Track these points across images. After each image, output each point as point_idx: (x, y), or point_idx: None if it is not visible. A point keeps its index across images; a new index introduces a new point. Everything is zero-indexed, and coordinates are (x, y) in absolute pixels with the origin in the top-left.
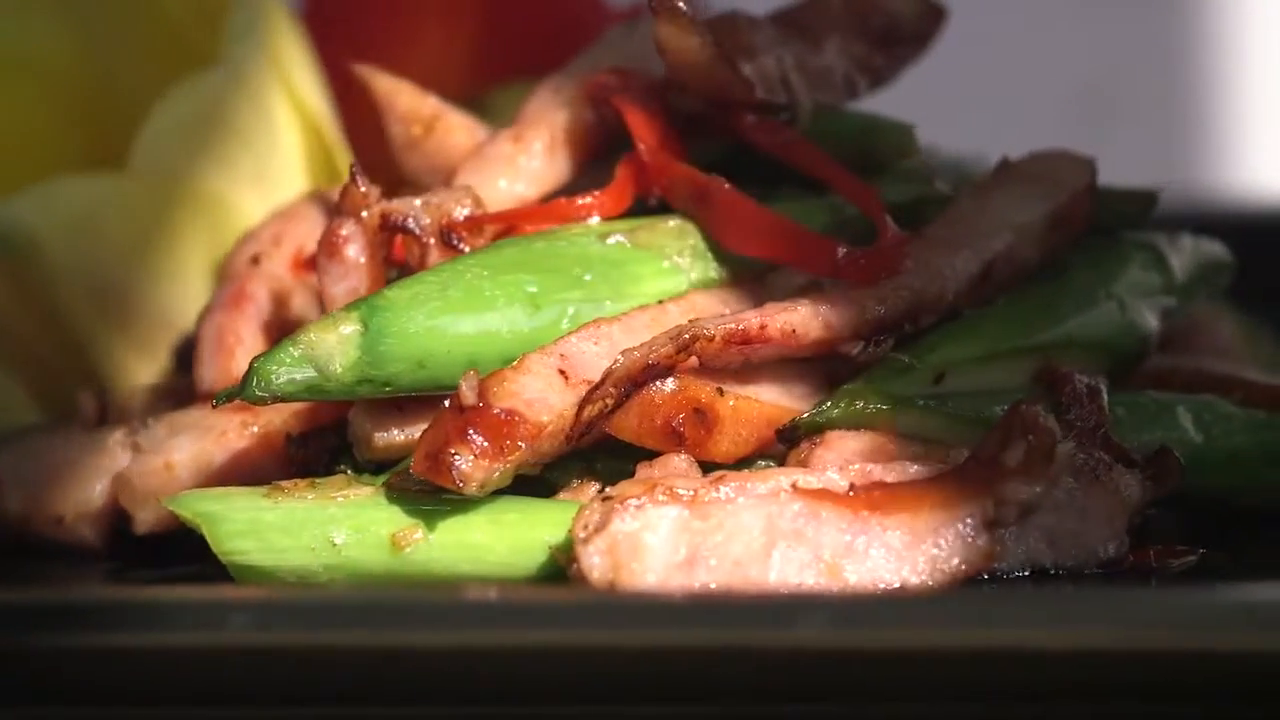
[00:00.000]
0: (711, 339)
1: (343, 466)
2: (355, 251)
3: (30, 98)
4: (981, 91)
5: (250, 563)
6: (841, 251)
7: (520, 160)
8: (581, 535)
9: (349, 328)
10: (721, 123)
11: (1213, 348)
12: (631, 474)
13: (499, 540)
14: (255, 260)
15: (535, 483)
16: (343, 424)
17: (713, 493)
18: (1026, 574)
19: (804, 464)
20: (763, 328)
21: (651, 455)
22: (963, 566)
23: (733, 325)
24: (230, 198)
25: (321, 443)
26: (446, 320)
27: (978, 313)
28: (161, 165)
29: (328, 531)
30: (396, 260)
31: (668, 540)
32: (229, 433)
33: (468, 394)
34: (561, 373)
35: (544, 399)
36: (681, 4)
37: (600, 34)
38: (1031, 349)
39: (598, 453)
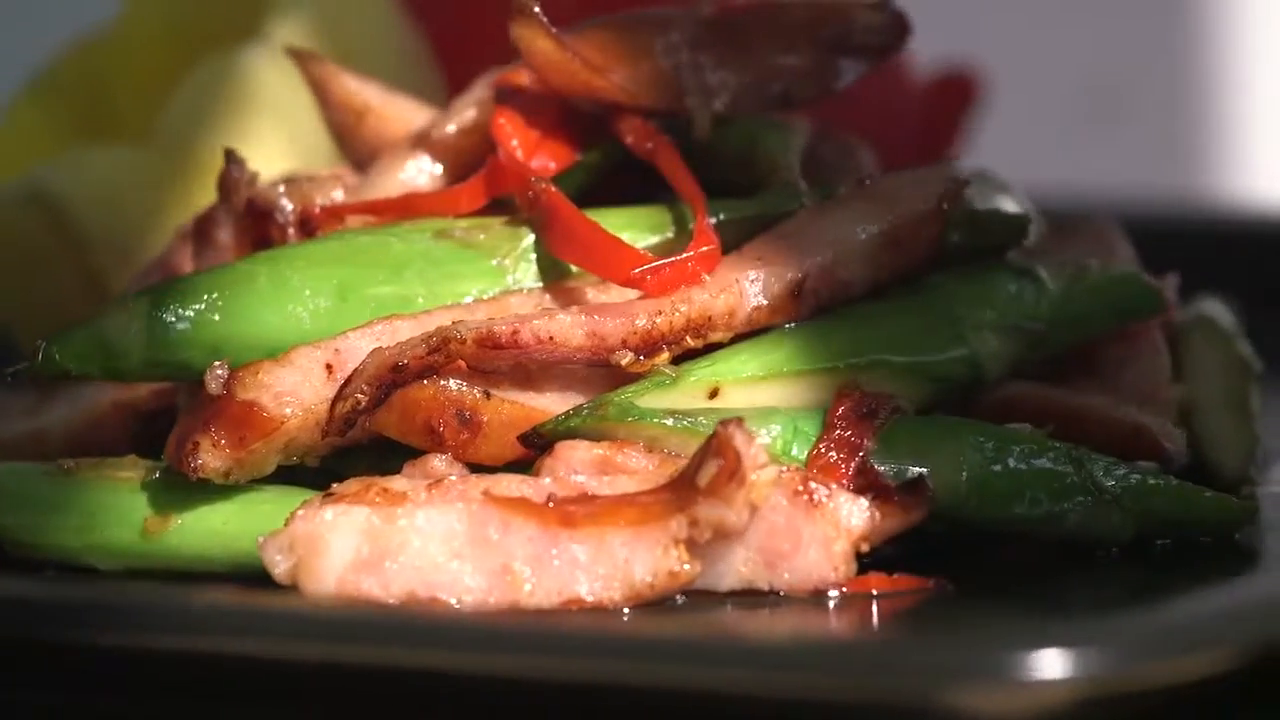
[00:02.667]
0: (463, 342)
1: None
2: (225, 234)
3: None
4: (986, 90)
5: (16, 538)
6: (640, 262)
7: (424, 154)
8: (272, 531)
9: (137, 311)
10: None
11: (1132, 375)
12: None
13: (247, 529)
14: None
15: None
16: None
17: (420, 495)
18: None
19: (538, 472)
20: (514, 334)
21: None
22: (652, 583)
23: (484, 329)
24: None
25: (170, 421)
26: (244, 308)
27: (784, 330)
28: (181, 137)
29: (89, 512)
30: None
31: (349, 541)
32: (98, 405)
33: (210, 384)
34: (329, 367)
35: (294, 393)
36: (535, 6)
37: None
38: (833, 369)
39: (391, 448)
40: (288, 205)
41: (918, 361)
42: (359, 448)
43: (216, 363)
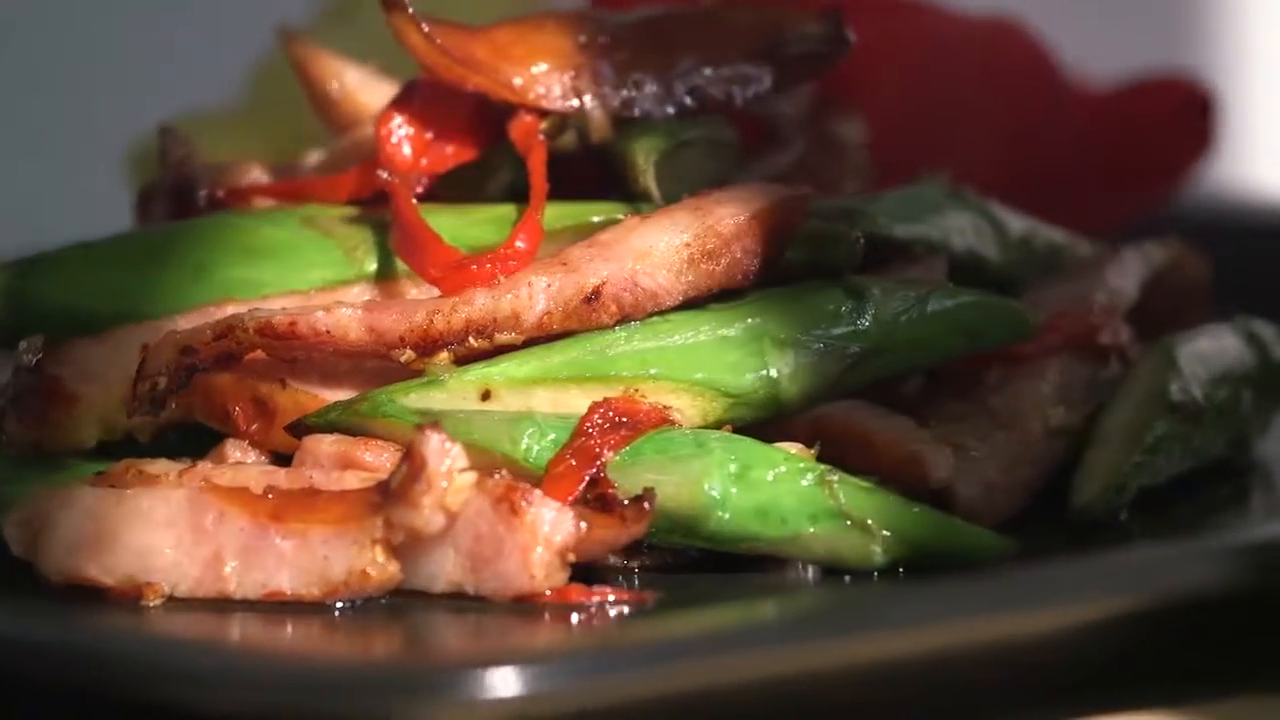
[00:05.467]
0: (246, 330)
1: None
2: (160, 208)
3: None
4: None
5: None
6: (446, 260)
7: (370, 139)
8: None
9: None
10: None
11: (1002, 399)
12: None
13: None
14: None
15: None
16: None
17: (172, 479)
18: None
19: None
20: (292, 325)
21: None
22: (347, 580)
23: (265, 319)
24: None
25: None
26: (101, 282)
27: (577, 337)
28: (270, 102)
29: None
30: None
31: (76, 521)
32: None
33: (22, 356)
34: (145, 346)
35: (100, 370)
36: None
37: None
38: (609, 378)
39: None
40: (200, 185)
41: (707, 377)
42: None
43: (35, 336)
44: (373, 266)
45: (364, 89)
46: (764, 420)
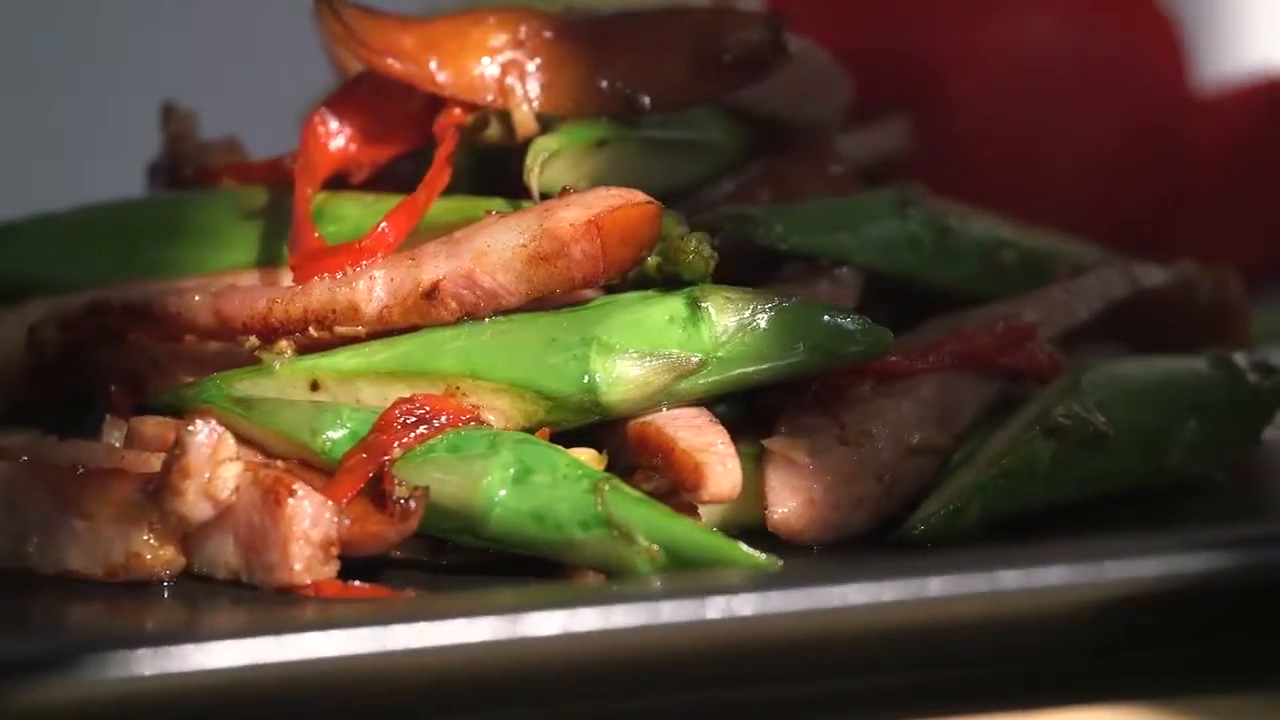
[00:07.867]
0: (112, 309)
1: None
2: (159, 182)
3: None
4: None
5: None
6: (307, 248)
7: None
8: None
9: None
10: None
11: (856, 415)
12: None
13: None
14: None
15: None
16: None
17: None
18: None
19: None
20: (147, 305)
21: None
22: (127, 564)
23: (126, 298)
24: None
25: None
26: (50, 253)
27: (418, 333)
28: None
29: None
30: None
31: None
32: None
33: None
34: None
35: (10, 339)
36: None
37: None
38: (428, 374)
39: None
40: (181, 163)
41: (527, 379)
42: None
43: None
44: (273, 252)
45: None
46: (587, 425)
